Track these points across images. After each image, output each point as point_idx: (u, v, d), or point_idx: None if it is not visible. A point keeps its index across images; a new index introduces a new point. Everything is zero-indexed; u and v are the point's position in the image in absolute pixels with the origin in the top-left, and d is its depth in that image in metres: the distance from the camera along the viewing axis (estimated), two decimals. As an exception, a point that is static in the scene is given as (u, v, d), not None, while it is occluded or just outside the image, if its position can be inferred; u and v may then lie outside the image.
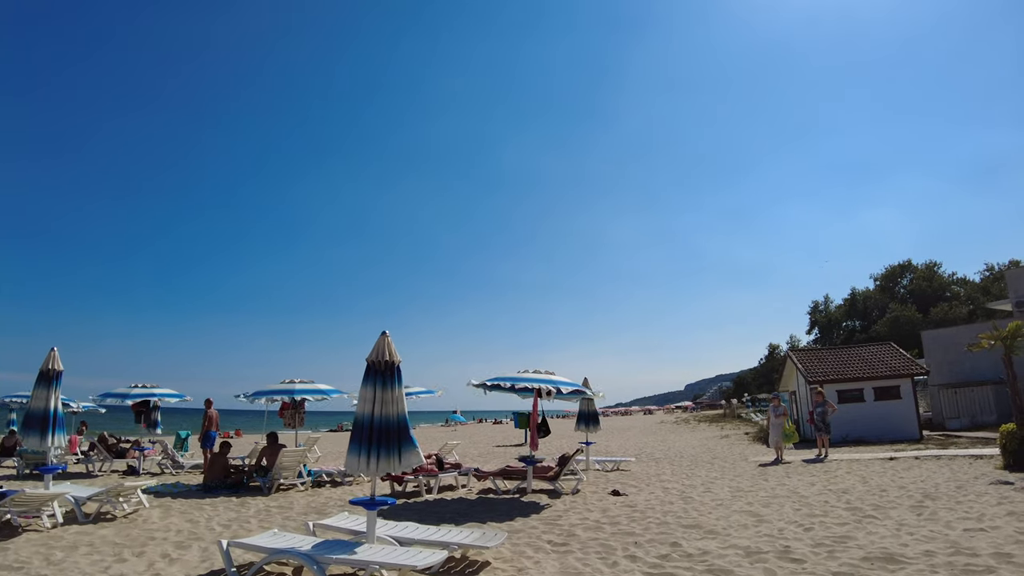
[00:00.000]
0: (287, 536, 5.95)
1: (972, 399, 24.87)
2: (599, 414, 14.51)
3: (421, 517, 8.49)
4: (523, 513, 8.51)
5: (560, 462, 10.70)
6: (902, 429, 19.90)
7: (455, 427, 56.51)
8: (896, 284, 68.20)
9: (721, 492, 9.92)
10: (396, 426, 5.83)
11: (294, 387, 12.78)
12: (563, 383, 9.87)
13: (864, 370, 21.10)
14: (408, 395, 16.15)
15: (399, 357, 6.05)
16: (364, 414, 5.83)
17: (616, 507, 8.77)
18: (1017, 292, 28.23)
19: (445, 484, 11.72)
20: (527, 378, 9.78)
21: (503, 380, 9.78)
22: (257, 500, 10.34)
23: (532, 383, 9.58)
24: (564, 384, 9.82)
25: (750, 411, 56.48)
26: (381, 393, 5.88)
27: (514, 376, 9.91)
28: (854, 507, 8.03)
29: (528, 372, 10.19)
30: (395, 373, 5.98)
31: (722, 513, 8.01)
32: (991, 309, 32.93)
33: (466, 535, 6.05)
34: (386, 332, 6.11)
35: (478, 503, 9.62)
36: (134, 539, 7.30)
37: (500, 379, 9.85)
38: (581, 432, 14.45)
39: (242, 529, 7.92)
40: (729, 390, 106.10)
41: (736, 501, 8.94)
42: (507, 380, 9.76)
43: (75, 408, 21.18)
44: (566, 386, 9.79)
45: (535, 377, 9.88)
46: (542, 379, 9.81)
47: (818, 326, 71.63)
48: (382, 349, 5.97)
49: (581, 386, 10.24)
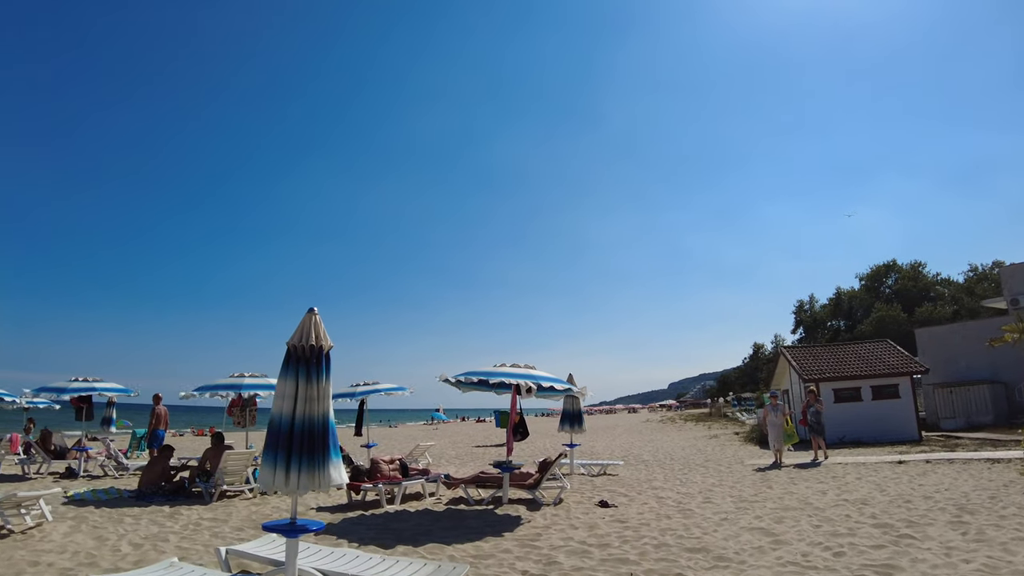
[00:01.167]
0: (180, 570, 4.59)
1: (968, 399, 24.08)
2: (584, 413, 13.25)
3: (377, 535, 7.17)
4: (496, 530, 7.22)
5: (541, 468, 9.43)
6: (901, 430, 18.94)
7: (436, 426, 55.06)
8: (881, 284, 67.97)
9: (723, 502, 8.71)
10: (322, 430, 4.49)
11: (242, 381, 11.34)
12: (544, 378, 8.57)
13: (861, 368, 20.12)
14: (376, 391, 14.84)
15: (329, 341, 4.71)
16: (282, 414, 4.48)
17: (605, 522, 7.51)
18: (1012, 290, 27.54)
19: (412, 492, 10.40)
20: (503, 372, 8.49)
21: (476, 375, 8.47)
22: (193, 510, 8.92)
23: (509, 378, 8.29)
24: (545, 379, 8.52)
25: (736, 410, 55.82)
26: (305, 387, 4.53)
27: (489, 370, 8.60)
28: (883, 523, 6.85)
29: (505, 366, 8.89)
30: (323, 361, 4.62)
31: (730, 531, 6.78)
32: (985, 307, 32.34)
33: (415, 569, 4.73)
34: (314, 309, 4.77)
35: (445, 516, 8.31)
36: (13, 564, 5.90)
37: (473, 373, 8.53)
38: (565, 433, 13.19)
39: (154, 550, 6.52)
40: (713, 389, 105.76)
41: (743, 514, 7.72)
42: (480, 375, 8.45)
43: (20, 403, 19.51)
44: (547, 381, 8.48)
45: (512, 371, 8.59)
46: (520, 374, 8.51)
47: (803, 325, 71.22)
48: (308, 330, 4.63)
49: (565, 382, 8.96)
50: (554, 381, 8.71)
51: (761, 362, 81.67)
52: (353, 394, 14.66)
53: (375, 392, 14.68)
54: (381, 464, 9.57)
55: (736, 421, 38.37)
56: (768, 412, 14.47)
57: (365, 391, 14.69)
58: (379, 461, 9.62)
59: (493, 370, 8.54)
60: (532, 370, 8.82)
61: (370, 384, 15.01)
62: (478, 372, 8.50)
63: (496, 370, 8.55)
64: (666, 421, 43.84)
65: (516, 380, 8.29)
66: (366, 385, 14.94)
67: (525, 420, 9.37)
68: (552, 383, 8.65)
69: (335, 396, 15.42)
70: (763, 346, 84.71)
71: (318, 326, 4.68)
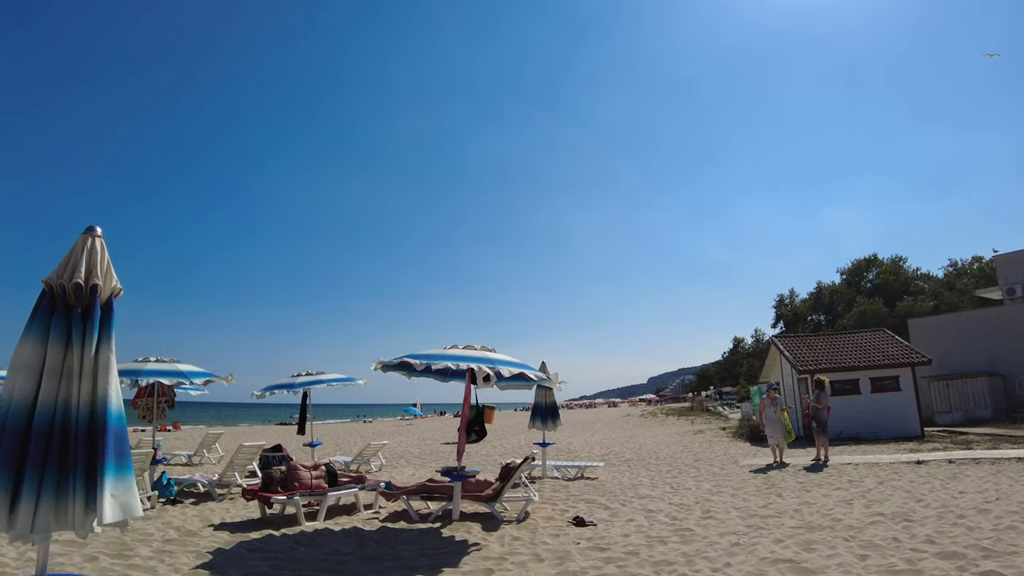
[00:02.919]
0: None
1: (965, 392, 22.87)
2: (559, 407, 11.45)
3: (271, 569, 5.28)
4: (433, 563, 5.36)
5: (503, 475, 7.59)
6: (902, 425, 17.50)
7: (411, 421, 52.97)
8: (862, 279, 67.59)
9: (728, 517, 6.97)
10: (89, 428, 2.58)
11: (144, 367, 9.29)
12: (505, 363, 6.70)
13: (860, 358, 18.63)
14: (319, 383, 12.86)
15: (115, 281, 2.79)
16: (12, 400, 2.56)
17: (580, 551, 5.68)
18: (1007, 279, 26.44)
19: (346, 503, 8.50)
20: (451, 355, 6.61)
21: (417, 358, 6.57)
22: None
23: (457, 362, 6.41)
24: (506, 364, 6.64)
25: (718, 404, 54.78)
26: (59, 355, 2.62)
27: (434, 353, 6.71)
28: (949, 552, 5.14)
29: (457, 348, 7.02)
30: (97, 313, 2.70)
31: (749, 567, 5.01)
32: (980, 298, 31.34)
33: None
34: (95, 228, 2.84)
35: (374, 538, 6.43)
36: None
37: (414, 356, 6.63)
38: (537, 430, 11.38)
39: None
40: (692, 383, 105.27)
41: (758, 536, 5.98)
42: (422, 358, 6.55)
43: None
44: (509, 367, 6.61)
45: (465, 354, 6.71)
46: (474, 357, 6.64)
47: (783, 320, 70.51)
48: (76, 262, 2.71)
49: (533, 369, 7.13)
50: (520, 367, 6.86)
51: (741, 356, 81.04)
52: (292, 385, 12.66)
53: (318, 383, 12.72)
54: (300, 471, 7.64)
55: (720, 416, 37.07)
56: (766, 406, 12.83)
57: (307, 382, 12.72)
58: (298, 467, 7.69)
59: (438, 353, 6.65)
60: (491, 354, 6.96)
61: (314, 374, 13.05)
62: (419, 355, 6.60)
63: (444, 352, 6.67)
64: (647, 416, 42.42)
65: (467, 365, 6.41)
66: (309, 375, 12.98)
67: (483, 416, 7.49)
68: (518, 369, 6.79)
69: (272, 387, 13.40)
70: (743, 340, 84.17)
71: (95, 255, 2.76)
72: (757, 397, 24.44)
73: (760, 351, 68.70)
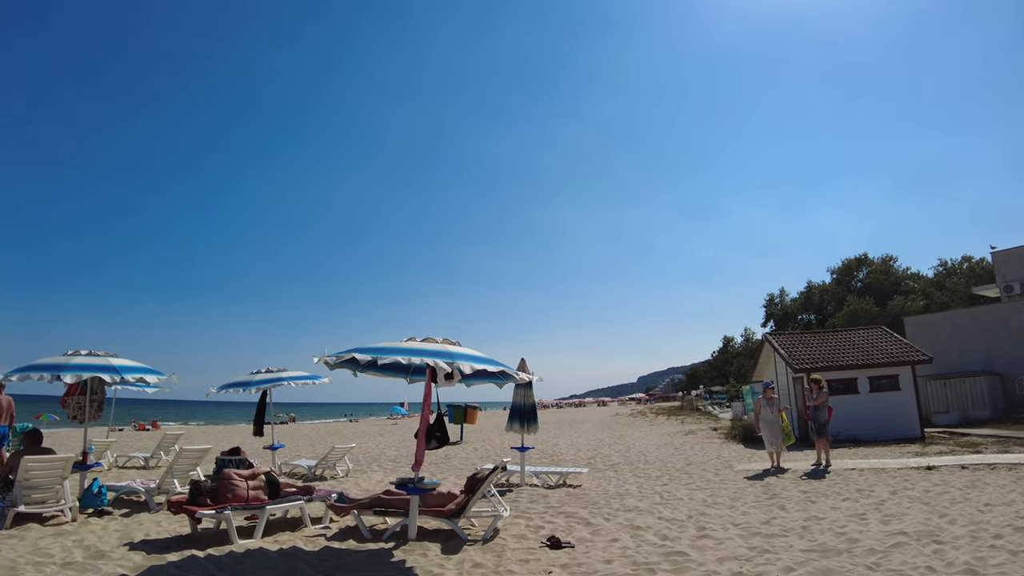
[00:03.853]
0: None
1: (963, 392, 22.17)
2: (544, 407, 10.48)
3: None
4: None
5: (468, 487, 6.61)
6: (901, 426, 16.72)
7: (396, 420, 51.83)
8: (852, 278, 67.34)
9: (726, 536, 6.03)
10: None
11: (70, 361, 8.18)
12: (467, 357, 5.69)
13: (857, 357, 17.82)
14: (279, 380, 11.79)
15: None
16: None
17: (552, 582, 4.72)
18: (1005, 276, 25.83)
19: (291, 517, 7.48)
20: (405, 349, 5.60)
21: (364, 352, 5.56)
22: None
23: (409, 356, 5.40)
24: (468, 359, 5.63)
25: (708, 403, 54.15)
26: None
27: (385, 346, 5.70)
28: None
29: (415, 340, 6.01)
30: None
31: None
32: (975, 295, 30.76)
33: None
34: None
35: (312, 562, 5.42)
36: None
37: (360, 350, 5.63)
38: (516, 433, 10.41)
39: None
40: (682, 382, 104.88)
41: (764, 563, 5.03)
42: (369, 352, 5.55)
43: None
44: (471, 363, 5.59)
45: (421, 348, 5.71)
46: (431, 350, 5.64)
47: (773, 319, 70.12)
48: None
49: (502, 364, 6.14)
50: (485, 363, 5.87)
51: (731, 355, 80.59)
52: (249, 383, 11.61)
53: (277, 381, 11.67)
54: (233, 480, 6.62)
55: (710, 416, 36.35)
56: (762, 407, 11.94)
57: (265, 380, 11.68)
58: (231, 476, 6.67)
59: (390, 346, 5.64)
60: (452, 347, 5.96)
61: (275, 371, 11.99)
62: (369, 349, 5.60)
63: (395, 346, 5.66)
64: (636, 415, 41.60)
65: (422, 360, 5.39)
66: (269, 372, 11.93)
67: (444, 420, 6.49)
68: (481, 365, 5.80)
69: (228, 385, 12.27)
70: (733, 339, 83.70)
71: None
72: (749, 397, 23.64)
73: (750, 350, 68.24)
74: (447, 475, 12.06)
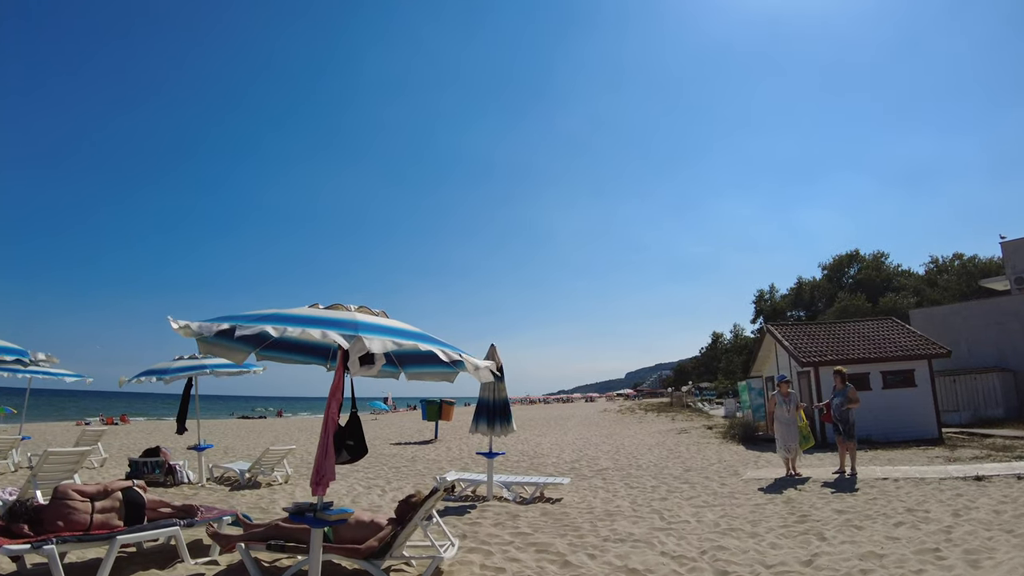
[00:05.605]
0: None
1: (975, 389, 20.71)
2: (511, 404, 8.65)
3: None
4: None
5: (398, 516, 4.79)
6: (917, 425, 15.18)
7: (376, 416, 49.78)
8: (843, 274, 66.45)
9: (759, 589, 4.27)
10: None
11: None
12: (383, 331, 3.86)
13: (869, 350, 16.24)
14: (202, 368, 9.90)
15: None
16: None
17: None
18: (1015, 267, 24.36)
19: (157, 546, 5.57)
20: (292, 317, 3.75)
21: (233, 321, 3.72)
22: None
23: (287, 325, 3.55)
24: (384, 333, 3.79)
25: (698, 400, 52.74)
26: None
27: (267, 313, 3.86)
28: None
29: (318, 307, 4.17)
30: None
31: None
32: (984, 288, 29.41)
33: None
34: None
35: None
36: None
37: (229, 319, 3.79)
38: (483, 435, 8.58)
39: None
40: (670, 378, 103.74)
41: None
42: (242, 321, 3.70)
43: None
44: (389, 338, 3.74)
45: (317, 315, 3.87)
46: (331, 318, 3.80)
47: (763, 315, 68.97)
48: None
49: (453, 347, 4.32)
50: (416, 339, 4.04)
51: (720, 351, 79.40)
52: (167, 371, 9.68)
53: (200, 369, 9.79)
54: (71, 501, 4.73)
55: (701, 413, 34.80)
56: (776, 403, 10.24)
57: (187, 367, 9.78)
58: (69, 494, 4.78)
59: (273, 313, 3.80)
60: (369, 317, 4.12)
61: (199, 358, 10.07)
62: (242, 317, 3.76)
63: (280, 313, 3.81)
64: (624, 411, 39.96)
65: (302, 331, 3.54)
66: (193, 359, 10.03)
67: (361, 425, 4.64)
68: (410, 341, 3.96)
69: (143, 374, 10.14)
70: (722, 335, 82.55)
71: None
72: (746, 393, 21.97)
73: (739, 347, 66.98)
74: (406, 482, 10.25)
